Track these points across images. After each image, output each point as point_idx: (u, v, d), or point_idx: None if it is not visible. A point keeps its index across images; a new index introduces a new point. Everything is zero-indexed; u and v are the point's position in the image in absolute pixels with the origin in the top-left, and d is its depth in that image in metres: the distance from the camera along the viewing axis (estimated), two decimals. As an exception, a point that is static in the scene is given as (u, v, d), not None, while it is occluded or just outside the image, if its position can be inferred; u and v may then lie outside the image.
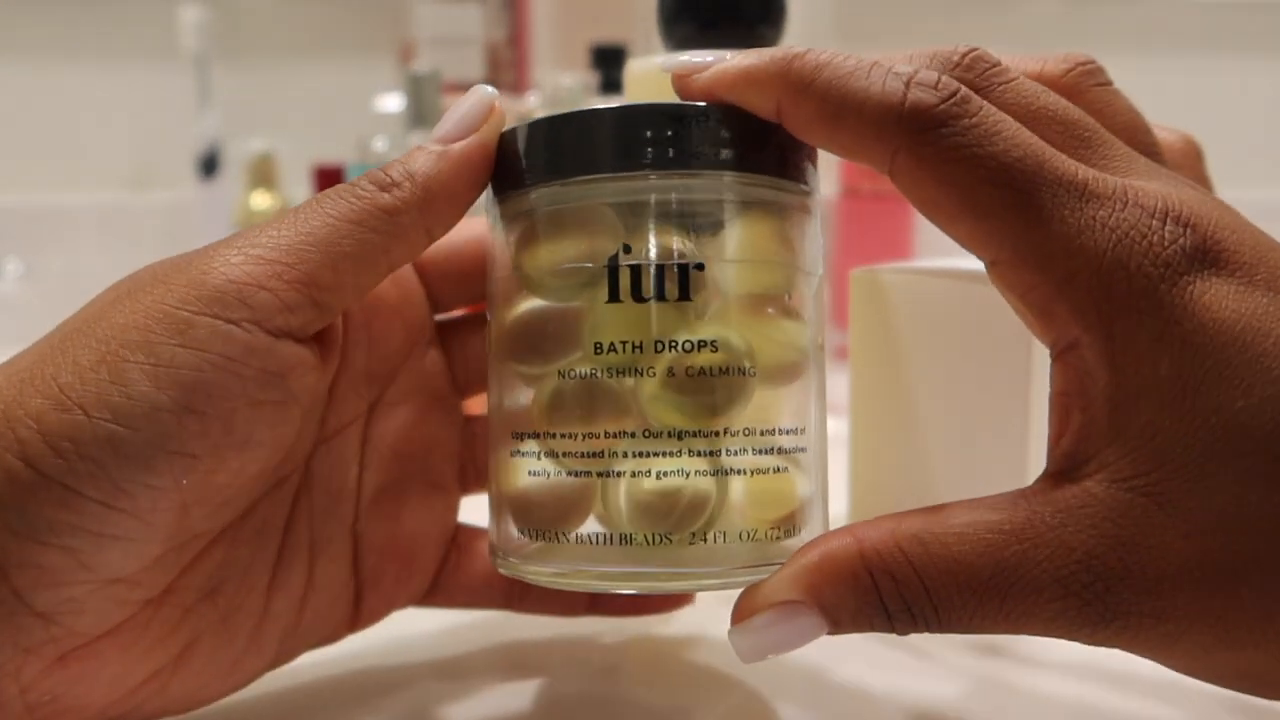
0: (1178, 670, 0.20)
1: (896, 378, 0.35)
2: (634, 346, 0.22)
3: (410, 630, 0.32)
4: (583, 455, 0.22)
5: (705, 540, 0.22)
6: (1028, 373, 0.32)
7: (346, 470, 0.27)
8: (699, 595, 0.31)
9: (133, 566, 0.21)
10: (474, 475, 0.30)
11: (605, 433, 0.22)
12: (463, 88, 0.25)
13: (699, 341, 0.22)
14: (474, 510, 0.30)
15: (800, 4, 0.44)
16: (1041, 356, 0.32)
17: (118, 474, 0.20)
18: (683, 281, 0.22)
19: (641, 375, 0.22)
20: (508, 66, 1.00)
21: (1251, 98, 1.11)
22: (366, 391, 0.27)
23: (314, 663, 0.29)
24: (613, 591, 0.24)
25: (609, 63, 0.82)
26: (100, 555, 0.20)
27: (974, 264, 0.34)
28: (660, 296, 0.22)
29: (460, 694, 0.28)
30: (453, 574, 0.29)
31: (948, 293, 0.34)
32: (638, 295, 0.22)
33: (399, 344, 0.28)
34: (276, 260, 0.21)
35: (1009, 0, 1.05)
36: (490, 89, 0.24)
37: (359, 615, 0.27)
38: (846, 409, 0.37)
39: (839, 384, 0.34)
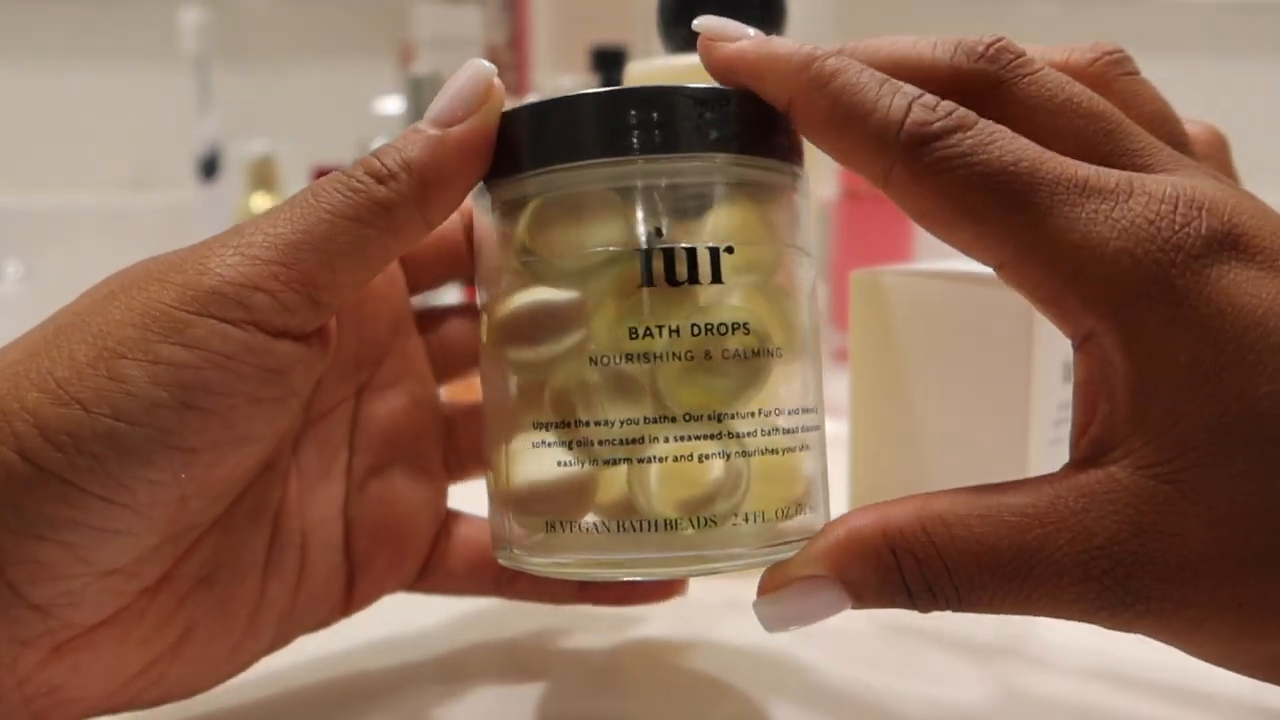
0: (1200, 658, 0.20)
1: (897, 379, 0.35)
2: (671, 330, 0.22)
3: (408, 630, 0.32)
4: (616, 442, 0.22)
5: (734, 523, 0.22)
6: (1028, 374, 0.32)
7: (336, 453, 0.27)
8: (692, 597, 0.31)
9: (129, 558, 0.21)
10: (457, 462, 0.29)
11: (644, 418, 0.22)
12: None
13: (732, 324, 0.22)
14: (461, 497, 0.30)
15: (800, 5, 0.44)
16: (1042, 358, 0.32)
17: (118, 469, 0.20)
18: (714, 265, 0.22)
19: (677, 359, 0.22)
20: (508, 69, 1.00)
21: (1250, 99, 1.11)
22: (355, 376, 0.27)
23: (311, 664, 0.29)
24: (632, 579, 0.23)
25: (609, 65, 0.82)
26: (99, 549, 0.20)
27: (974, 266, 0.34)
28: (694, 280, 0.22)
29: (456, 696, 0.28)
30: (441, 559, 0.29)
31: (948, 295, 0.34)
32: (672, 279, 0.22)
33: (387, 328, 0.28)
34: (273, 260, 0.21)
35: (1008, 2, 1.05)
36: (488, 64, 0.23)
37: (351, 599, 0.27)
38: (847, 410, 0.37)
39: (839, 386, 0.34)
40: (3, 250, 1.01)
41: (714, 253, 0.22)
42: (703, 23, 0.23)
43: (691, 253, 0.22)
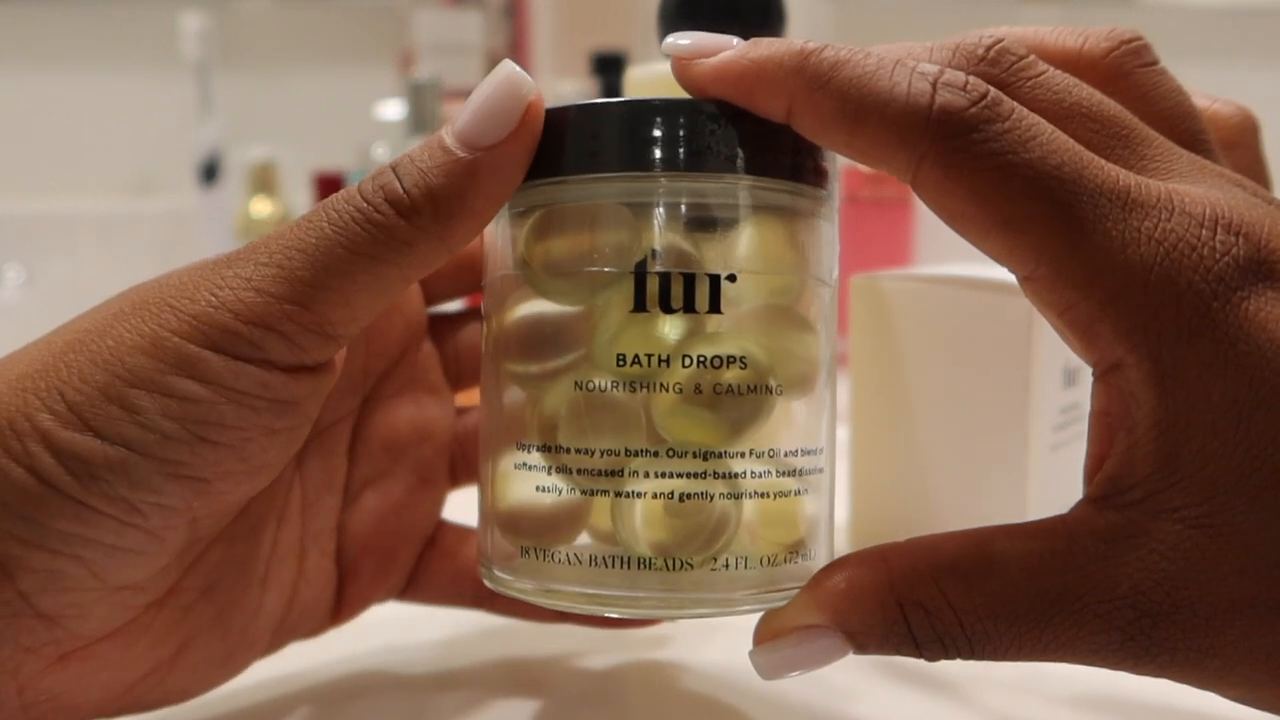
0: (1228, 699, 0.20)
1: (897, 385, 0.35)
2: (659, 360, 0.20)
3: (405, 644, 0.32)
4: (597, 473, 0.21)
5: (723, 566, 0.21)
6: (1027, 379, 0.32)
7: (338, 463, 0.27)
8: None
9: (141, 575, 0.21)
10: (464, 468, 0.29)
11: (626, 450, 0.21)
12: (463, 95, 0.23)
13: (727, 357, 0.20)
14: (450, 507, 0.29)
15: (800, 7, 0.44)
16: (1042, 363, 0.32)
17: (130, 495, 0.19)
18: (713, 293, 0.20)
19: (666, 390, 0.20)
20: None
21: (1249, 105, 1.11)
22: (362, 386, 0.27)
23: (306, 675, 0.29)
24: (612, 615, 0.22)
25: (609, 70, 0.82)
26: (112, 566, 0.20)
27: (975, 271, 0.35)
28: (689, 308, 0.20)
29: (453, 712, 0.28)
30: (427, 570, 0.28)
31: (948, 300, 0.34)
32: (666, 305, 0.20)
33: (398, 339, 0.27)
34: (288, 299, 0.20)
35: (1008, 6, 1.05)
36: (525, 79, 0.21)
37: (340, 608, 0.27)
38: (847, 416, 0.37)
39: (839, 391, 0.34)
40: (3, 255, 1.01)
41: (714, 280, 0.20)
42: (672, 43, 0.21)
43: (690, 279, 0.20)
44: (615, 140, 0.21)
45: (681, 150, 0.20)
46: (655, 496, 0.21)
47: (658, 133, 0.20)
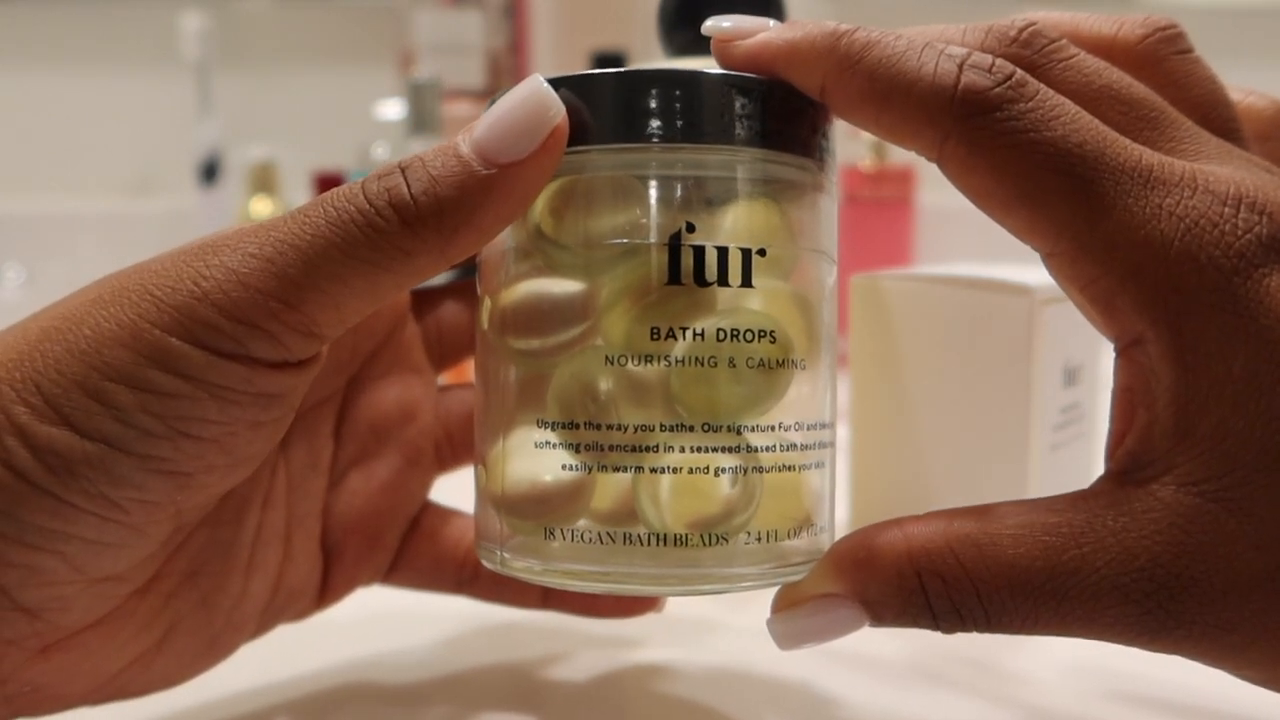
0: (1244, 680, 0.20)
1: (897, 384, 0.35)
2: (695, 333, 0.20)
3: (405, 648, 0.32)
4: (623, 448, 0.20)
5: (736, 541, 0.21)
6: (1028, 379, 0.32)
7: (323, 445, 0.26)
8: (692, 616, 0.31)
9: (123, 566, 0.21)
10: (450, 451, 0.28)
11: (660, 425, 0.20)
12: (463, 95, 0.23)
13: (759, 331, 0.21)
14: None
15: (799, 7, 0.44)
16: (1042, 363, 0.32)
17: (110, 491, 0.19)
18: (746, 267, 0.20)
19: (700, 365, 0.20)
20: (508, 74, 1.00)
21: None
22: (348, 367, 0.27)
23: (304, 682, 0.29)
24: (624, 594, 0.22)
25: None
26: (93, 559, 0.20)
27: (975, 271, 0.35)
28: (724, 282, 0.20)
29: (454, 718, 0.28)
30: (408, 552, 0.28)
31: (948, 299, 0.34)
32: (701, 279, 0.20)
33: (387, 319, 0.27)
34: (277, 296, 0.19)
35: (1008, 6, 1.05)
36: (555, 98, 0.20)
37: (326, 591, 0.27)
38: (847, 415, 0.37)
39: (839, 390, 0.34)
40: (3, 255, 1.01)
41: (746, 254, 0.21)
42: (714, 25, 0.21)
43: (723, 252, 0.20)
44: (648, 110, 0.20)
45: (718, 123, 0.20)
46: (690, 471, 0.20)
47: (693, 104, 0.20)
